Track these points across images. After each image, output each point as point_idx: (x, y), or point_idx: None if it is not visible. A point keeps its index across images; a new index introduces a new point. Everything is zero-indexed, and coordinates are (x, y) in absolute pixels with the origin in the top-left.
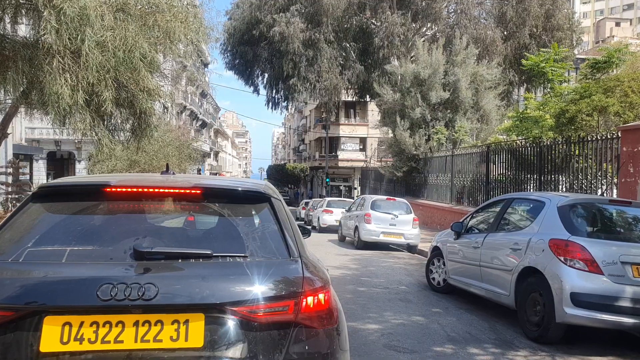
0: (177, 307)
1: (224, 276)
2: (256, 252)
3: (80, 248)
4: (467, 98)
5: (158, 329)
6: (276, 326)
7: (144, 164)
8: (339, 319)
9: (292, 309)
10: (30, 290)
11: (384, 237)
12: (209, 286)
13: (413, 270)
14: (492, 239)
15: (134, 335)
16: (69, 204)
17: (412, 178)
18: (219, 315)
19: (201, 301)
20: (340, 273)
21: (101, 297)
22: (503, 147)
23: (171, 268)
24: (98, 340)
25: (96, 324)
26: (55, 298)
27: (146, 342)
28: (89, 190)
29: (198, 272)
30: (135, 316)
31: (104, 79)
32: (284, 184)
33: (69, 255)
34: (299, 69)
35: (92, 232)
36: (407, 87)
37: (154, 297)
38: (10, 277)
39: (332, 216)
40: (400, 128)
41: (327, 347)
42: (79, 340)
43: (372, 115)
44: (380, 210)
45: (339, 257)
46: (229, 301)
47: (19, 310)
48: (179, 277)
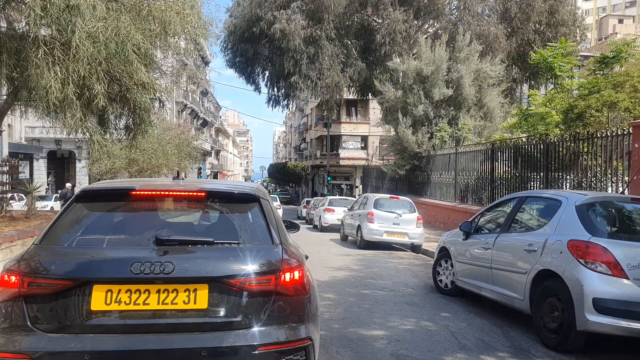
0: (188, 279)
1: (222, 257)
2: (247, 240)
3: (115, 237)
4: (471, 95)
5: (174, 295)
6: (261, 294)
7: (143, 162)
8: (310, 291)
9: (273, 282)
10: (83, 266)
11: (388, 236)
12: (211, 264)
13: (418, 271)
14: (504, 240)
15: (157, 299)
16: (104, 204)
17: (415, 176)
18: (218, 285)
19: (206, 275)
20: (342, 275)
21: (133, 272)
22: (508, 144)
23: (184, 251)
24: (131, 303)
25: (129, 291)
26: (100, 272)
27: (165, 305)
28: (118, 193)
29: (203, 254)
30: (158, 285)
31: (95, 71)
32: (285, 182)
33: (108, 242)
34: (300, 67)
35: (123, 224)
36: (409, 84)
37: (172, 272)
38: (68, 257)
39: (333, 215)
40: (403, 125)
41: (299, 310)
42: (117, 302)
43: (373, 114)
44: (384, 209)
45: (341, 257)
46: (226, 275)
47: (75, 280)
48: (189, 258)
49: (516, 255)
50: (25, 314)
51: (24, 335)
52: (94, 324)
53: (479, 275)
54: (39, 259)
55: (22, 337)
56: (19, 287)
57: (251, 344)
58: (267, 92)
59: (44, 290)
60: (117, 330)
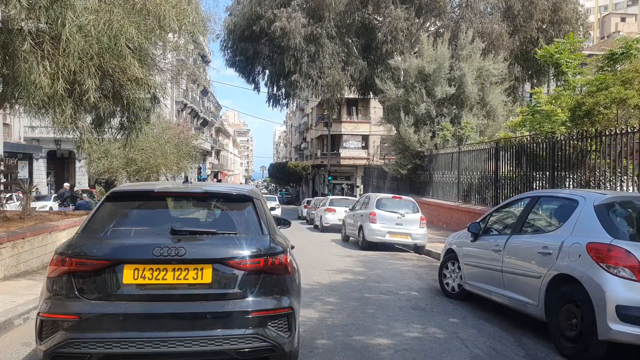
0: (196, 260)
1: (223, 244)
2: (243, 231)
3: (140, 228)
4: (473, 93)
5: (186, 272)
6: (252, 272)
7: (141, 162)
8: (292, 272)
9: (262, 263)
10: (116, 251)
11: (390, 237)
12: (214, 249)
13: (423, 274)
14: (516, 242)
15: (172, 275)
16: (130, 202)
17: (417, 176)
18: (220, 266)
19: (210, 257)
20: (344, 277)
21: (154, 255)
22: (513, 143)
23: (193, 239)
24: (153, 278)
25: (151, 269)
26: (129, 255)
27: (179, 280)
28: (141, 194)
29: (208, 241)
30: (173, 265)
31: (86, 66)
32: (286, 182)
33: (134, 232)
34: (301, 65)
35: (145, 218)
36: (411, 83)
37: (184, 255)
38: (104, 243)
39: (334, 215)
40: (405, 124)
41: (283, 286)
42: (142, 277)
43: (374, 113)
44: (386, 209)
45: (342, 258)
46: (226, 257)
47: (110, 261)
48: (197, 244)
49: (529, 258)
50: (73, 286)
51: (73, 301)
52: (124, 293)
53: (489, 279)
54: (82, 244)
55: (72, 302)
56: (68, 266)
57: (245, 310)
58: (267, 91)
59: (87, 268)
60: (142, 299)
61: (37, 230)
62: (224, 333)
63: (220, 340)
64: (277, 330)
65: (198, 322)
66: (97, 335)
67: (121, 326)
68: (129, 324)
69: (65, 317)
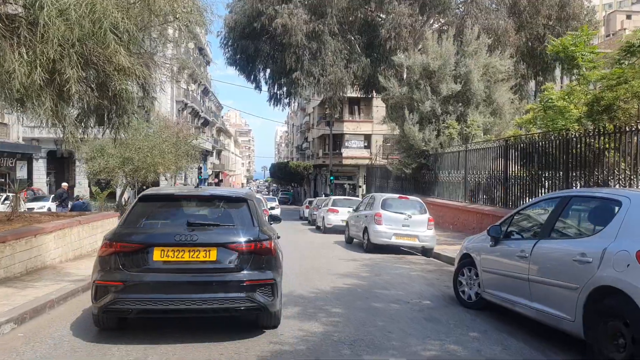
0: (206, 244)
1: (224, 233)
2: (239, 224)
3: (164, 221)
4: (479, 91)
5: (198, 253)
6: (246, 253)
7: (138, 161)
8: (276, 253)
9: (252, 247)
10: (148, 237)
11: (397, 239)
12: (218, 236)
13: (433, 279)
14: (545, 247)
15: (188, 255)
16: (156, 203)
17: (422, 175)
18: (223, 248)
19: (216, 242)
20: (350, 283)
21: (175, 240)
22: (523, 140)
23: (203, 229)
24: (174, 257)
25: (173, 250)
26: (157, 240)
27: (193, 258)
28: (164, 197)
29: (214, 231)
30: (189, 248)
31: (67, 54)
32: (287, 182)
33: (160, 224)
34: (302, 63)
35: (168, 214)
36: (415, 80)
37: (197, 240)
38: (140, 232)
39: (337, 216)
40: (409, 122)
41: (268, 263)
42: (167, 256)
43: (376, 112)
44: (392, 209)
45: (346, 262)
46: (227, 242)
47: (144, 244)
48: (206, 233)
49: (563, 266)
50: (118, 262)
51: (118, 272)
52: (154, 267)
53: (513, 288)
54: (124, 233)
55: (117, 273)
56: (114, 248)
57: (241, 280)
58: (268, 89)
59: (128, 249)
60: (167, 271)
61: (20, 233)
62: (225, 296)
63: (223, 301)
64: (263, 295)
65: (206, 288)
66: (136, 296)
67: (152, 290)
68: (157, 289)
69: (113, 284)
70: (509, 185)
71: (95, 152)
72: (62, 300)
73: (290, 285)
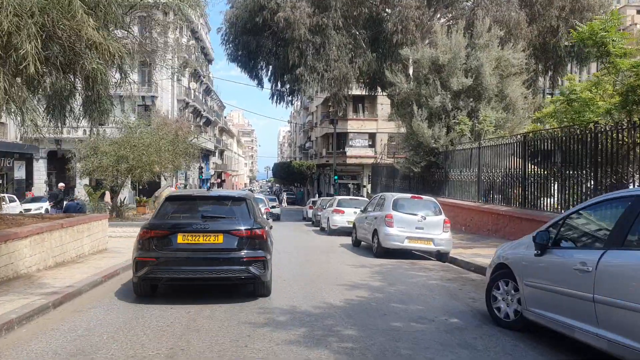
0: (215, 231)
1: (229, 223)
2: (239, 217)
3: (185, 214)
4: (491, 85)
5: (209, 237)
6: (244, 238)
7: (133, 159)
8: (267, 238)
9: (249, 233)
10: (174, 226)
11: (410, 243)
12: (224, 225)
13: (455, 290)
14: (618, 259)
15: (202, 239)
16: (179, 201)
17: (431, 174)
18: (227, 234)
19: (222, 229)
20: (362, 295)
21: (193, 228)
22: (544, 136)
23: (213, 220)
24: (192, 240)
25: (191, 235)
26: (180, 228)
27: (206, 241)
28: (184, 197)
29: (221, 222)
30: (202, 233)
31: (25, 25)
32: (290, 182)
33: (182, 217)
34: (306, 58)
35: (188, 209)
36: (424, 74)
37: (208, 228)
38: (167, 222)
39: (343, 217)
40: (418, 119)
41: (260, 245)
42: (187, 240)
43: (381, 110)
44: (404, 210)
45: (356, 269)
46: (230, 229)
47: (171, 231)
48: (215, 223)
49: None
50: (152, 243)
51: (152, 251)
52: (178, 247)
53: (570, 309)
54: (157, 223)
55: (151, 252)
56: (149, 233)
57: (240, 256)
58: (271, 87)
59: (159, 234)
60: (187, 250)
61: None
62: (229, 268)
63: (227, 272)
64: (257, 268)
65: (216, 262)
66: (165, 268)
67: (177, 264)
68: (180, 263)
69: (149, 259)
70: (527, 184)
71: (89, 150)
72: (26, 320)
73: (295, 297)
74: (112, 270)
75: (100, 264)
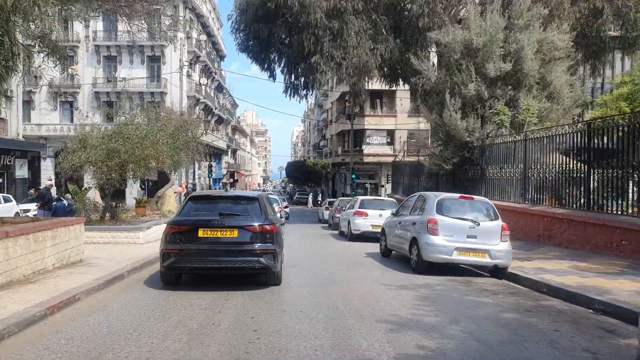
0: (231, 227)
1: (243, 219)
2: (252, 214)
3: (205, 212)
4: (533, 71)
5: (226, 232)
6: (256, 232)
7: (125, 153)
8: (277, 234)
9: (260, 228)
10: (196, 222)
11: (460, 255)
12: (239, 222)
13: (550, 332)
14: None
15: (220, 233)
16: (201, 200)
17: (464, 171)
18: (241, 229)
19: (237, 225)
20: (418, 344)
21: (212, 224)
22: (617, 122)
23: (229, 217)
24: (212, 234)
25: (211, 230)
26: (201, 224)
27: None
28: (205, 197)
29: (236, 218)
30: (220, 229)
31: None
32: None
33: (203, 214)
34: (322, 45)
35: (208, 207)
36: (455, 59)
37: (225, 224)
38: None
39: (367, 220)
40: (451, 108)
41: (271, 239)
42: (207, 234)
43: (400, 105)
44: (452, 214)
45: (395, 292)
46: (244, 225)
47: (193, 226)
48: (231, 220)
49: None
50: (177, 237)
51: (177, 244)
52: (199, 241)
53: None
54: (181, 219)
55: (176, 244)
56: (174, 228)
57: (253, 249)
58: (284, 79)
59: (183, 229)
60: (207, 243)
61: None
62: (243, 259)
63: (242, 262)
64: (268, 260)
65: (231, 254)
66: (188, 259)
67: (198, 255)
68: (201, 254)
69: (174, 251)
70: (592, 183)
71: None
72: None
73: (315, 344)
74: (67, 297)
75: (60, 284)
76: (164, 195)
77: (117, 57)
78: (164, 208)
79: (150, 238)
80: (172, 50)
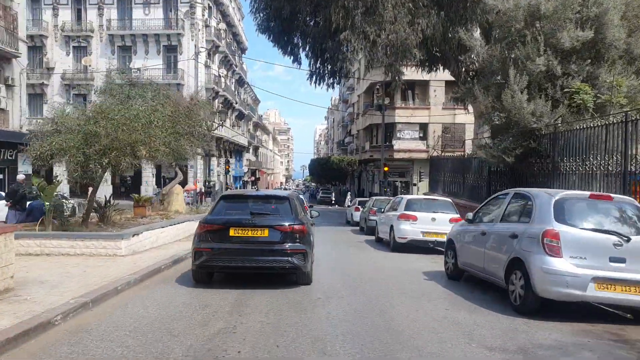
0: (262, 226)
1: (273, 219)
2: (283, 213)
3: (236, 211)
4: (619, 41)
5: (257, 231)
6: (287, 232)
7: (106, 137)
8: (307, 234)
9: (291, 228)
10: (227, 221)
11: (599, 290)
12: (270, 221)
13: None
14: None
15: (251, 232)
16: (233, 199)
17: (528, 165)
18: (272, 229)
19: (268, 224)
20: None
21: (243, 223)
22: None
23: (260, 216)
24: (242, 233)
25: (242, 229)
26: (232, 223)
27: (254, 234)
28: (237, 196)
29: (267, 217)
30: (251, 228)
31: None
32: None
33: (234, 213)
34: (353, 19)
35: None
36: (518, 29)
37: (256, 223)
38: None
39: (415, 225)
40: (515, 87)
41: (301, 239)
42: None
43: (434, 97)
44: (582, 224)
45: (494, 354)
46: (275, 225)
47: (225, 225)
48: (262, 219)
49: None
50: (208, 236)
51: (208, 243)
52: (230, 240)
53: None
54: (213, 218)
55: (208, 243)
56: (206, 227)
57: (284, 249)
58: (309, 64)
59: (214, 228)
60: (238, 242)
61: None
62: (274, 258)
63: (273, 261)
64: (298, 260)
65: (262, 253)
66: (219, 257)
67: (229, 253)
68: (232, 253)
69: (205, 250)
70: None
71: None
72: None
73: None
74: None
75: None
76: (170, 193)
77: (131, 47)
78: (171, 208)
79: (138, 248)
80: (190, 39)
